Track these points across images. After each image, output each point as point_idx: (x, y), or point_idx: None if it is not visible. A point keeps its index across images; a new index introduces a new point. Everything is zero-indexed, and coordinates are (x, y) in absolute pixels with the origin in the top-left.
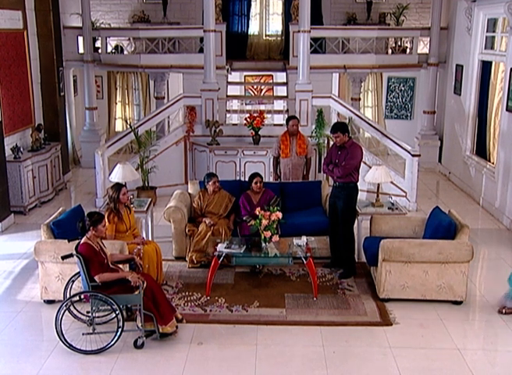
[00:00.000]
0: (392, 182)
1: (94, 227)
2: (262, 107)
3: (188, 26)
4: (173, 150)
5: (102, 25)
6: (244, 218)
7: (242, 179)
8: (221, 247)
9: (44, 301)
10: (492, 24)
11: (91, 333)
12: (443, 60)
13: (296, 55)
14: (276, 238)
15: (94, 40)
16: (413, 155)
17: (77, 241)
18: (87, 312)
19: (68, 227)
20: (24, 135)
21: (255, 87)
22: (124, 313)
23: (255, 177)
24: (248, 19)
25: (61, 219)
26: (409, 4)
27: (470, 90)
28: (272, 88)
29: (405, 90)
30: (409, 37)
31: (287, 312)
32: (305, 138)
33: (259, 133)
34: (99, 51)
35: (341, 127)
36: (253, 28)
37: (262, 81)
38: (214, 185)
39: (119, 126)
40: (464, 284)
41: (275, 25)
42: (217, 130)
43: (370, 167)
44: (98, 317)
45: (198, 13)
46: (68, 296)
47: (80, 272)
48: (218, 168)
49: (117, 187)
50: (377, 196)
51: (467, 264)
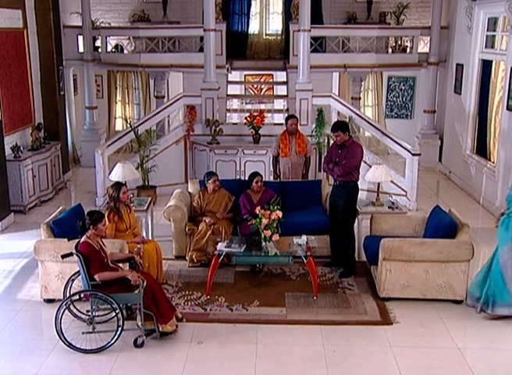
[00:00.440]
0: (392, 181)
1: (94, 226)
2: (262, 106)
3: (188, 25)
4: (173, 149)
5: (102, 24)
6: (244, 217)
7: (242, 178)
8: (221, 246)
9: (44, 300)
10: (493, 23)
11: (91, 332)
12: (443, 59)
13: (296, 54)
14: (276, 237)
15: (94, 39)
16: (413, 154)
17: (77, 240)
18: (87, 311)
19: (68, 226)
20: (24, 134)
21: (255, 87)
22: (124, 312)
23: (255, 176)
24: (248, 18)
25: (61, 218)
26: (409, 3)
27: (470, 89)
28: (272, 87)
29: (405, 89)
30: (409, 37)
31: (287, 311)
32: (304, 137)
33: (259, 132)
34: (99, 50)
35: (341, 126)
36: (253, 27)
37: (262, 80)
38: (214, 184)
39: (119, 125)
40: (465, 283)
41: (275, 24)
42: (217, 129)
43: (370, 166)
44: (98, 316)
45: (198, 12)
46: (68, 295)
47: (80, 271)
48: (218, 167)
49: (117, 186)
50: (377, 195)
51: (467, 263)
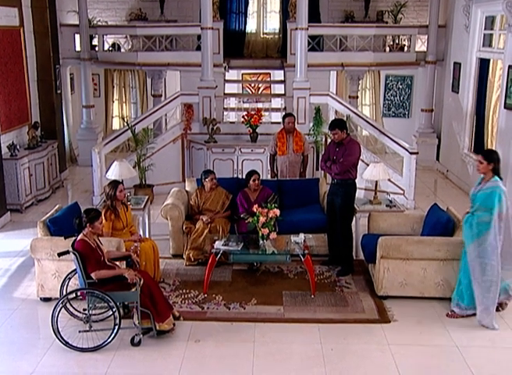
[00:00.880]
0: (390, 180)
1: (91, 224)
2: (260, 105)
3: (185, 23)
4: (170, 148)
5: (99, 23)
6: (242, 215)
7: (239, 177)
8: (218, 244)
9: (41, 298)
10: (490, 22)
11: (88, 330)
12: (441, 58)
13: (293, 53)
14: (274, 235)
15: (91, 37)
16: (411, 153)
17: (74, 238)
18: (84, 310)
19: (64, 224)
20: (21, 133)
21: (253, 85)
22: (121, 310)
23: (253, 175)
24: (246, 17)
25: (57, 216)
26: (407, 2)
27: (468, 88)
28: (270, 86)
29: (403, 88)
30: (407, 35)
31: (285, 310)
32: (302, 136)
33: (257, 130)
34: (96, 48)
35: (339, 124)
36: (250, 26)
37: (260, 79)
38: (211, 182)
39: (116, 124)
40: None
41: (272, 23)
42: (214, 128)
43: (368, 165)
44: (95, 314)
45: (195, 11)
46: (64, 293)
47: (77, 269)
48: (215, 166)
49: (114, 185)
50: (375, 193)
51: None
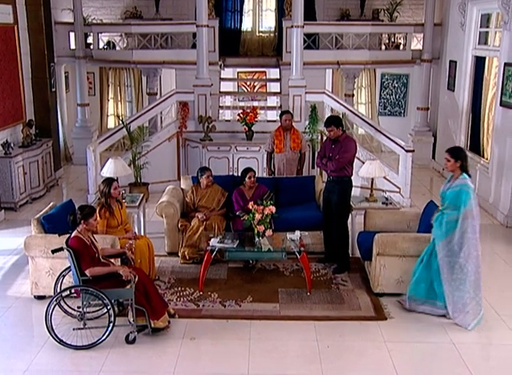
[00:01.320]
0: (386, 178)
1: (85, 221)
2: (255, 103)
3: (181, 21)
4: (166, 146)
5: (94, 21)
6: (237, 213)
7: (235, 175)
8: (214, 241)
9: (35, 296)
10: (486, 19)
11: (82, 328)
12: (437, 56)
13: (289, 51)
14: (270, 233)
15: (86, 35)
16: (407, 151)
17: (68, 235)
18: (78, 307)
19: (58, 222)
20: (15, 131)
21: (248, 84)
22: (115, 308)
23: (249, 172)
24: (241, 15)
25: (51, 213)
26: (402, 0)
27: (463, 86)
28: (266, 84)
29: (398, 86)
30: (402, 33)
31: (281, 307)
32: (299, 133)
33: (252, 129)
34: (91, 47)
35: (335, 121)
36: (246, 24)
37: (255, 77)
38: (207, 179)
39: (112, 122)
40: None
41: (268, 21)
42: (210, 126)
43: (363, 163)
44: (89, 312)
45: (191, 10)
46: (58, 291)
47: (71, 266)
48: (211, 164)
49: (108, 182)
50: (371, 191)
51: None
